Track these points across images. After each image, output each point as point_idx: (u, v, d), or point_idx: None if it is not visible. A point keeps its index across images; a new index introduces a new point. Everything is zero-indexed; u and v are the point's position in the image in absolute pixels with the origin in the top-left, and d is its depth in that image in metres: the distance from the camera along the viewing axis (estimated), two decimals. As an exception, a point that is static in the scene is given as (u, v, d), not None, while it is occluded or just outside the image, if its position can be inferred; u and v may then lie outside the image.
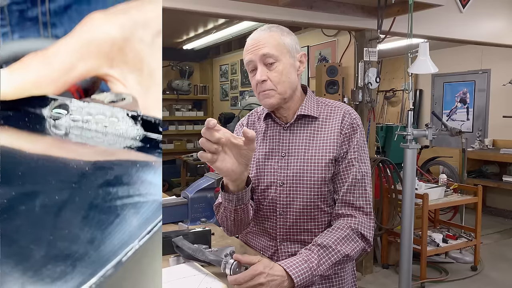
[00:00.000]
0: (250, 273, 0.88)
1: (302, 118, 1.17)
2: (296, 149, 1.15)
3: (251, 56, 1.11)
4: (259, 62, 1.10)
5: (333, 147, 1.12)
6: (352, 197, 1.11)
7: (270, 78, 1.10)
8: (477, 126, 5.87)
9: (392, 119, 6.83)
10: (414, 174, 2.53)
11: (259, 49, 1.09)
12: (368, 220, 1.11)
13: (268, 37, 1.10)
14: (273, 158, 1.17)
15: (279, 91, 1.11)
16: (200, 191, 1.60)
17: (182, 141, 7.06)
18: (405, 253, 2.53)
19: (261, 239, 1.22)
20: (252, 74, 1.13)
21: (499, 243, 4.33)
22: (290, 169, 1.14)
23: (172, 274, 0.97)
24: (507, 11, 4.15)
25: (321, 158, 1.12)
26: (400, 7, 3.30)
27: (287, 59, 1.11)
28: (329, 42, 4.25)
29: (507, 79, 5.01)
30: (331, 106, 1.19)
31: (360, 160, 1.13)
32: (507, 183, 5.05)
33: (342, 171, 1.12)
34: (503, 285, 3.33)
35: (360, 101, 3.57)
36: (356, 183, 1.11)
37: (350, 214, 1.10)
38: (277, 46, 1.09)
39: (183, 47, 6.56)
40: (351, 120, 1.14)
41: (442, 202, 3.48)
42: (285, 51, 1.11)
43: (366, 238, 1.09)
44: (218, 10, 3.01)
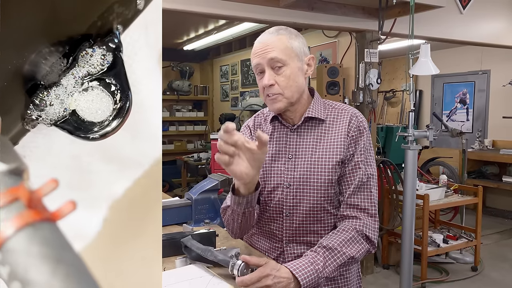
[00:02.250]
0: (257, 275, 0.89)
1: (309, 121, 1.18)
2: (303, 151, 1.16)
3: (259, 59, 1.11)
4: (266, 66, 1.10)
5: (339, 149, 1.13)
6: (357, 199, 1.12)
7: (278, 82, 1.10)
8: (477, 126, 5.89)
9: (392, 120, 6.84)
10: (415, 175, 2.54)
11: (267, 53, 1.09)
12: (373, 222, 1.11)
13: (277, 40, 1.10)
14: (280, 160, 1.18)
15: (286, 96, 1.12)
16: (203, 193, 1.61)
17: (183, 141, 7.07)
18: (406, 253, 2.54)
19: (266, 240, 1.23)
20: (260, 77, 1.14)
21: (499, 244, 4.34)
22: (296, 171, 1.15)
23: (179, 276, 0.97)
24: (507, 12, 4.17)
25: (327, 160, 1.12)
26: (401, 8, 3.31)
27: (295, 63, 1.11)
28: (330, 43, 4.26)
29: (506, 80, 5.03)
30: (338, 109, 1.19)
31: (366, 162, 1.14)
32: (507, 183, 5.06)
33: (348, 173, 1.13)
34: (504, 285, 3.34)
35: (361, 102, 3.58)
36: (361, 185, 1.12)
37: (355, 216, 1.11)
38: (285, 50, 1.09)
39: (184, 47, 6.57)
40: (358, 123, 1.15)
41: (442, 203, 3.50)
42: (293, 55, 1.11)
43: (371, 240, 1.10)
44: (219, 12, 3.02)
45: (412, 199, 2.51)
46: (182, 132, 7.02)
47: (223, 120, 5.42)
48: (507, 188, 5.08)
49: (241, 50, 6.14)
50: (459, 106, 6.22)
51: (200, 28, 5.48)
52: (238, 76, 6.52)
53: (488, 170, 5.42)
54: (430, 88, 6.59)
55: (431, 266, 3.54)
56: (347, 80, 4.00)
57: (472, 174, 5.36)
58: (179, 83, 6.87)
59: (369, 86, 3.60)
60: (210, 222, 1.60)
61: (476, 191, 3.57)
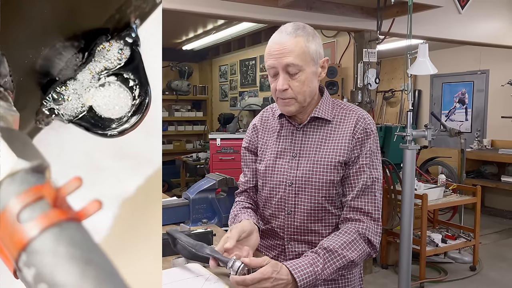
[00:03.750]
0: (258, 276, 0.89)
1: (316, 120, 1.17)
2: (307, 150, 1.16)
3: (274, 62, 1.08)
4: (281, 70, 1.08)
5: (344, 150, 1.12)
6: (361, 202, 1.11)
7: (292, 87, 1.09)
8: (476, 126, 5.90)
9: (391, 120, 6.85)
10: (414, 174, 2.54)
11: (284, 57, 1.06)
12: (376, 226, 1.11)
13: (294, 44, 1.06)
14: (284, 158, 1.18)
15: (299, 100, 1.11)
16: (201, 192, 1.61)
17: (182, 141, 7.07)
18: (405, 253, 2.54)
19: (268, 238, 1.23)
20: (273, 79, 1.11)
21: (497, 243, 4.35)
22: (299, 169, 1.15)
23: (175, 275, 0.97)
24: (505, 12, 4.17)
25: (331, 160, 1.12)
26: (399, 8, 3.32)
27: (310, 68, 1.09)
28: (329, 43, 4.26)
29: (505, 80, 5.03)
30: (347, 109, 1.18)
31: (372, 166, 1.13)
32: (506, 183, 5.07)
33: (352, 176, 1.12)
34: (502, 285, 3.35)
35: (360, 102, 3.58)
36: (365, 189, 1.11)
37: (358, 219, 1.10)
38: (302, 55, 1.06)
39: (183, 47, 6.57)
40: (365, 125, 1.13)
41: (441, 203, 3.50)
42: (309, 59, 1.08)
43: (373, 243, 1.09)
44: (218, 11, 3.02)
45: (410, 199, 2.51)
46: (181, 132, 7.02)
47: (222, 120, 5.41)
48: (506, 188, 5.09)
49: (240, 50, 6.14)
50: (458, 106, 6.23)
51: (199, 28, 5.48)
52: (237, 76, 6.53)
53: (486, 170, 5.42)
54: (429, 88, 6.59)
55: (429, 266, 3.54)
56: (345, 79, 4.01)
57: (471, 174, 5.37)
58: (178, 83, 6.87)
59: (367, 86, 3.60)
60: (207, 222, 1.60)
61: (474, 190, 3.57)
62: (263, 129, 1.27)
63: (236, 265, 0.89)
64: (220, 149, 3.97)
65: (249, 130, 1.32)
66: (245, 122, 5.18)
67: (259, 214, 1.27)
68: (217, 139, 3.99)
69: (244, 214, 1.17)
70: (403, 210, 2.54)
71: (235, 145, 3.99)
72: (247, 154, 1.29)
